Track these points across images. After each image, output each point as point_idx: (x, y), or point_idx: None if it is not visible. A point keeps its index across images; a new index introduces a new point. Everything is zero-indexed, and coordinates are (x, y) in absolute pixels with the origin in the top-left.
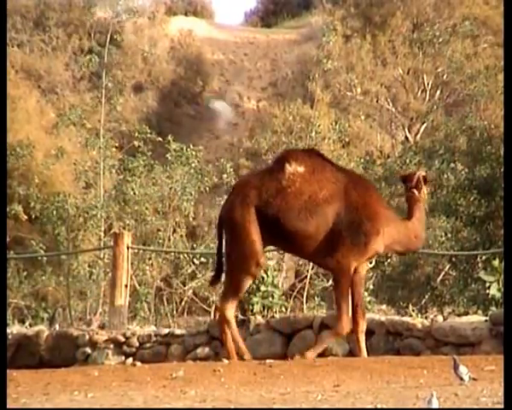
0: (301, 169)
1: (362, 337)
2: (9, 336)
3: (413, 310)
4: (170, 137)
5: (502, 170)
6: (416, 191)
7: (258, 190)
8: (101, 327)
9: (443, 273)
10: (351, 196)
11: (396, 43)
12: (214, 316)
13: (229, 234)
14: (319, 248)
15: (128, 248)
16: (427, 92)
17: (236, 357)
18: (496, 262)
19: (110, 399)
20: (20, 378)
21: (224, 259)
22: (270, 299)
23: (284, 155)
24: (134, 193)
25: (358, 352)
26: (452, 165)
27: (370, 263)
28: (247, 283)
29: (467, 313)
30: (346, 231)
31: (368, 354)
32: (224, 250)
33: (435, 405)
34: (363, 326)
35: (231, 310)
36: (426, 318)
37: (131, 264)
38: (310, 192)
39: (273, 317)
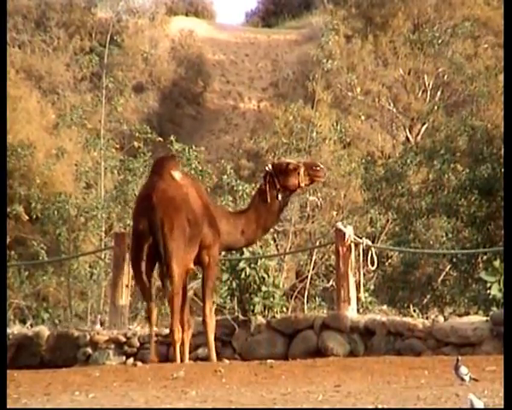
0: None
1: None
2: (10, 337)
3: (414, 310)
4: (172, 138)
5: (502, 170)
6: None
7: None
8: (102, 327)
9: (444, 274)
10: None
11: (397, 43)
12: None
13: None
14: None
15: (129, 248)
16: (428, 93)
17: None
18: (497, 262)
19: (111, 399)
20: (21, 379)
21: None
22: (271, 299)
23: None
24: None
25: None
26: (453, 165)
27: (372, 264)
28: None
29: (468, 314)
30: None
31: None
32: None
33: (478, 405)
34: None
35: None
36: (427, 318)
37: None
38: None
39: (274, 317)
